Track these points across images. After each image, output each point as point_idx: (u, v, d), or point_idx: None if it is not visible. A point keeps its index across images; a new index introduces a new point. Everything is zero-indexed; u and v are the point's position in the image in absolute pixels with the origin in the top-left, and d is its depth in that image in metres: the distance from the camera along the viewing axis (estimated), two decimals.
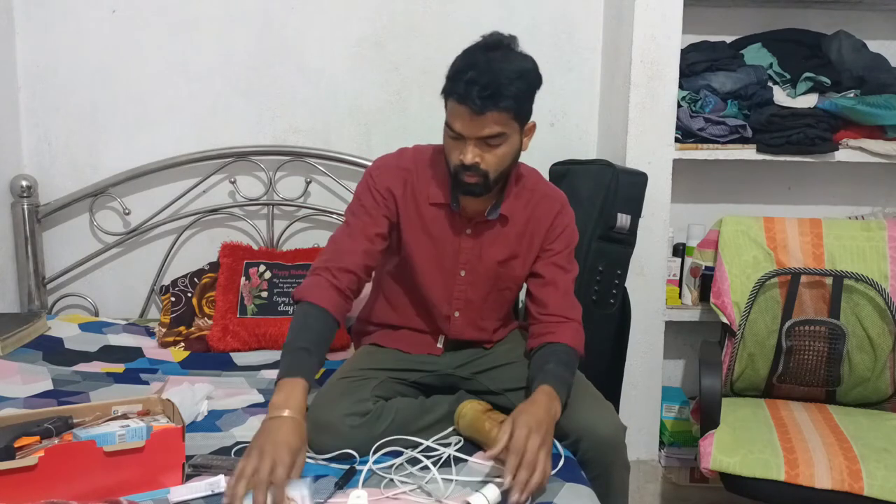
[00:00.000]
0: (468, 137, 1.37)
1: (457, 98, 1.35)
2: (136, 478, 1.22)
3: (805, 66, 2.17)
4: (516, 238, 1.55)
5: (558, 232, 1.57)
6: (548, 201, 1.57)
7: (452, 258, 1.55)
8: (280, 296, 2.06)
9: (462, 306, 1.58)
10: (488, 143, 1.38)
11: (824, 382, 1.97)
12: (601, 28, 2.28)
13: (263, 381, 1.81)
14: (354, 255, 1.49)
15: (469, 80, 1.32)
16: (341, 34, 2.24)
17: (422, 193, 1.53)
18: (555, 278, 1.56)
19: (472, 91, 1.31)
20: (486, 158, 1.39)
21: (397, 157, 1.58)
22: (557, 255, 1.57)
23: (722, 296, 2.02)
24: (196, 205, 2.27)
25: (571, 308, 1.56)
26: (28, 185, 2.14)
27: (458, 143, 1.40)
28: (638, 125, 2.08)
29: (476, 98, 1.31)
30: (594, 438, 1.42)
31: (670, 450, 2.24)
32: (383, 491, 1.26)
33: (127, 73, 2.20)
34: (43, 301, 2.22)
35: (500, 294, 1.60)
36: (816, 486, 1.61)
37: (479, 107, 1.32)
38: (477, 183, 1.41)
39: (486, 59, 1.35)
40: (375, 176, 1.55)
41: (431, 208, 1.53)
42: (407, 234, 1.54)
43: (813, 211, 2.36)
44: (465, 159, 1.38)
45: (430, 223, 1.54)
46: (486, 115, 1.33)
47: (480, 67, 1.33)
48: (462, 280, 1.56)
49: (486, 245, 1.55)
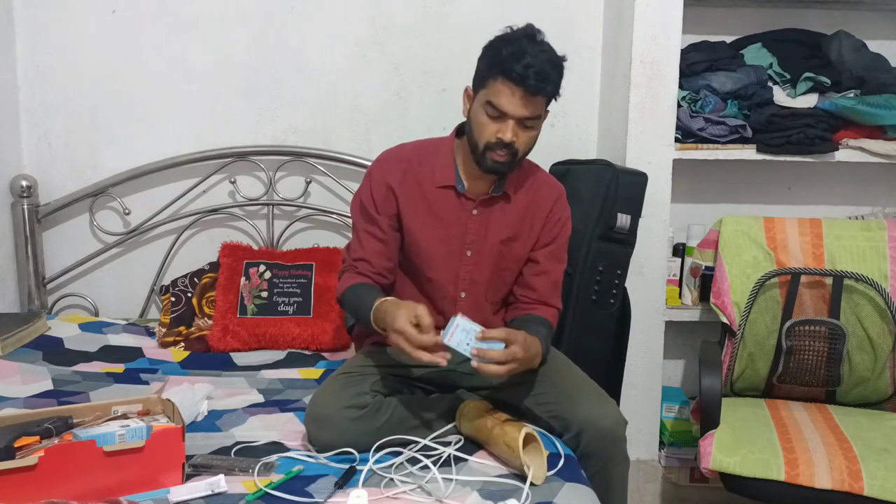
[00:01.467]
0: (513, 117, 1.44)
1: (514, 78, 1.41)
2: (136, 478, 1.22)
3: (805, 66, 2.17)
4: (518, 219, 1.60)
5: (556, 221, 1.63)
6: (547, 187, 1.65)
7: (459, 239, 1.59)
8: (280, 296, 2.06)
9: (467, 287, 1.62)
10: (525, 124, 1.46)
11: (824, 382, 1.97)
12: (601, 28, 2.28)
13: (263, 381, 1.81)
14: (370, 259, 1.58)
15: (527, 63, 1.40)
16: (341, 34, 2.24)
17: (426, 178, 1.58)
18: (548, 267, 1.63)
19: (529, 73, 1.40)
20: (520, 138, 1.47)
21: (397, 150, 1.64)
22: (555, 245, 1.64)
23: (722, 296, 2.02)
24: (196, 205, 2.27)
25: (557, 298, 1.65)
26: (28, 185, 2.14)
27: (498, 122, 1.46)
28: (638, 125, 2.08)
29: (533, 80, 1.40)
30: (596, 431, 1.44)
31: (670, 450, 2.24)
32: (383, 490, 1.26)
33: (127, 73, 2.21)
34: (43, 301, 2.22)
35: (500, 276, 1.64)
36: (816, 486, 1.61)
37: (534, 88, 1.42)
38: (506, 161, 1.49)
39: (537, 47, 1.45)
40: (374, 173, 1.61)
41: (437, 191, 1.58)
42: (411, 221, 1.58)
43: (813, 211, 2.36)
44: (506, 137, 1.45)
45: (437, 205, 1.58)
46: (536, 98, 1.44)
47: (535, 53, 1.42)
48: (468, 260, 1.60)
49: (491, 225, 1.59)
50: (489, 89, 1.45)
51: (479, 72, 1.50)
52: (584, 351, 1.84)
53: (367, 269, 1.57)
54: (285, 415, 1.60)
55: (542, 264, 1.62)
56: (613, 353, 1.94)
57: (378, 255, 1.58)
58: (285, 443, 1.45)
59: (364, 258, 1.58)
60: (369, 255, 1.58)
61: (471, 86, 1.53)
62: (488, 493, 1.27)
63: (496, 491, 1.27)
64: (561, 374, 1.55)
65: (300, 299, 2.06)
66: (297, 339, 1.99)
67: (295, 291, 2.07)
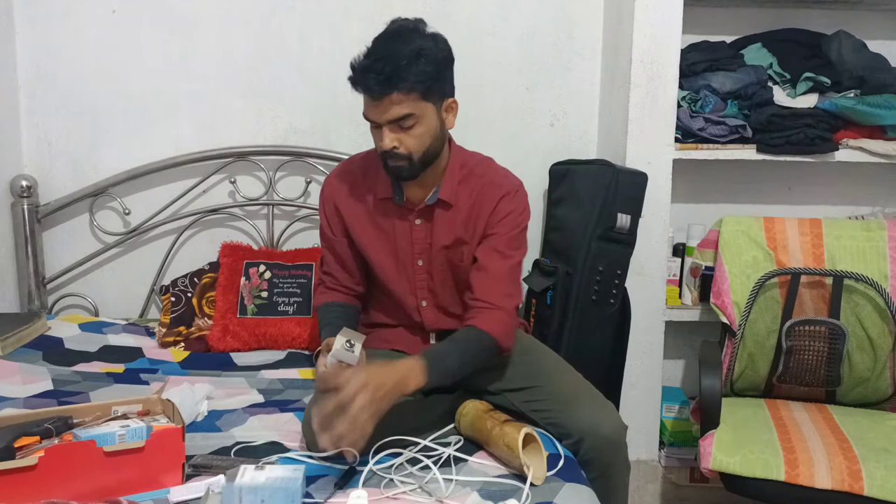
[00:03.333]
0: (379, 124, 1.42)
1: (359, 85, 1.40)
2: (136, 478, 1.22)
3: (805, 66, 2.17)
4: (462, 224, 1.57)
5: (500, 216, 1.54)
6: (493, 188, 1.56)
7: (408, 249, 1.59)
8: (280, 296, 2.06)
9: (427, 296, 1.62)
10: (401, 125, 1.42)
11: (824, 382, 1.97)
12: (601, 28, 2.28)
13: (263, 381, 1.81)
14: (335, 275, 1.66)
15: (364, 67, 1.37)
16: (341, 34, 2.24)
17: (370, 192, 1.59)
18: (487, 263, 1.53)
19: (369, 78, 1.36)
20: (404, 141, 1.43)
21: (344, 165, 1.68)
22: (495, 239, 1.54)
23: (722, 296, 2.02)
24: (196, 205, 2.27)
25: (501, 295, 1.50)
26: (28, 185, 2.14)
27: (377, 132, 1.45)
28: (638, 125, 2.08)
29: (373, 84, 1.36)
30: (596, 438, 1.43)
31: (670, 450, 2.24)
32: (383, 491, 1.26)
33: (127, 73, 2.20)
34: (43, 301, 2.22)
35: (458, 283, 1.62)
36: (816, 486, 1.61)
37: (377, 92, 1.37)
38: (402, 166, 1.46)
39: (383, 46, 1.40)
40: (322, 194, 1.66)
41: (380, 203, 1.59)
42: (360, 236, 1.61)
43: (813, 211, 2.36)
44: (383, 145, 1.43)
45: (381, 218, 1.59)
46: (386, 99, 1.38)
47: (377, 54, 1.38)
48: (421, 269, 1.60)
49: (436, 232, 1.58)
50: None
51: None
52: (584, 351, 1.84)
53: (333, 283, 1.67)
54: (285, 415, 1.60)
55: (480, 260, 1.53)
56: (613, 353, 1.95)
57: (340, 271, 1.66)
58: (285, 443, 1.45)
59: (330, 272, 1.68)
60: (333, 270, 1.67)
61: None
62: (488, 493, 1.27)
63: (496, 491, 1.27)
64: (557, 380, 1.54)
65: (300, 299, 2.07)
66: (297, 339, 1.99)
67: (295, 291, 2.07)
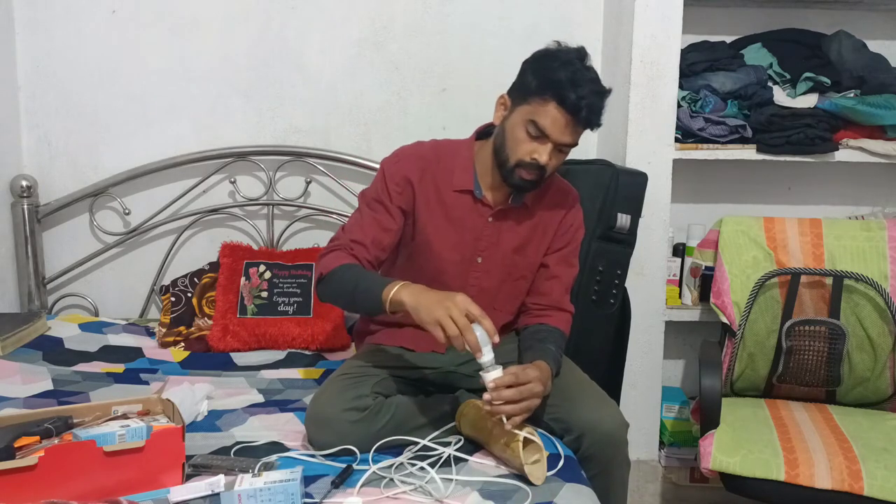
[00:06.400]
0: (554, 142, 1.43)
1: (568, 107, 1.39)
2: (136, 478, 1.22)
3: (805, 66, 2.17)
4: (531, 227, 1.59)
5: (569, 227, 1.62)
6: (562, 195, 1.64)
7: (472, 245, 1.58)
8: (280, 296, 2.06)
9: (475, 293, 1.57)
10: (562, 149, 1.46)
11: (824, 382, 1.97)
12: (601, 28, 2.28)
13: (263, 381, 1.81)
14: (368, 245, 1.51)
15: (581, 95, 1.39)
16: (341, 34, 2.24)
17: (444, 181, 1.56)
18: (559, 272, 1.62)
19: (583, 105, 1.39)
20: (553, 161, 1.46)
21: (415, 147, 1.61)
22: (566, 251, 1.63)
23: (722, 296, 2.02)
24: (196, 205, 2.27)
25: (568, 303, 1.64)
26: (28, 185, 2.14)
27: (536, 142, 1.44)
28: (638, 125, 2.08)
29: (585, 112, 1.40)
30: (598, 434, 1.43)
31: (670, 450, 2.24)
32: (383, 491, 1.26)
33: (127, 73, 2.21)
34: (43, 301, 2.22)
35: (513, 284, 1.62)
36: (816, 486, 1.61)
37: (585, 121, 1.41)
38: (534, 180, 1.48)
39: (589, 74, 1.42)
40: (393, 165, 1.57)
41: (454, 195, 1.56)
42: (425, 221, 1.56)
43: (813, 211, 2.36)
44: (542, 159, 1.44)
45: (453, 209, 1.56)
46: (580, 128, 1.43)
47: (591, 86, 1.41)
48: (478, 267, 1.59)
49: (504, 232, 1.58)
50: (535, 108, 1.42)
51: (526, 86, 1.44)
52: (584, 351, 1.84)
53: (362, 253, 1.50)
54: (285, 415, 1.60)
55: (553, 269, 1.61)
56: (613, 353, 1.94)
57: (375, 244, 1.51)
58: (285, 443, 1.45)
59: (361, 242, 1.50)
60: (368, 241, 1.51)
61: (507, 95, 1.49)
62: (488, 493, 1.27)
63: (496, 491, 1.27)
64: (561, 376, 1.54)
65: (300, 299, 2.07)
66: (297, 339, 1.99)
67: (295, 291, 2.07)
